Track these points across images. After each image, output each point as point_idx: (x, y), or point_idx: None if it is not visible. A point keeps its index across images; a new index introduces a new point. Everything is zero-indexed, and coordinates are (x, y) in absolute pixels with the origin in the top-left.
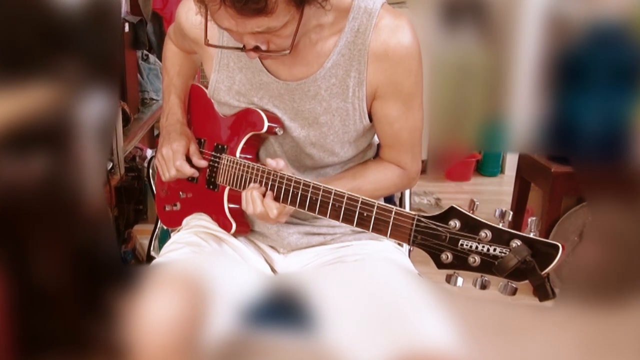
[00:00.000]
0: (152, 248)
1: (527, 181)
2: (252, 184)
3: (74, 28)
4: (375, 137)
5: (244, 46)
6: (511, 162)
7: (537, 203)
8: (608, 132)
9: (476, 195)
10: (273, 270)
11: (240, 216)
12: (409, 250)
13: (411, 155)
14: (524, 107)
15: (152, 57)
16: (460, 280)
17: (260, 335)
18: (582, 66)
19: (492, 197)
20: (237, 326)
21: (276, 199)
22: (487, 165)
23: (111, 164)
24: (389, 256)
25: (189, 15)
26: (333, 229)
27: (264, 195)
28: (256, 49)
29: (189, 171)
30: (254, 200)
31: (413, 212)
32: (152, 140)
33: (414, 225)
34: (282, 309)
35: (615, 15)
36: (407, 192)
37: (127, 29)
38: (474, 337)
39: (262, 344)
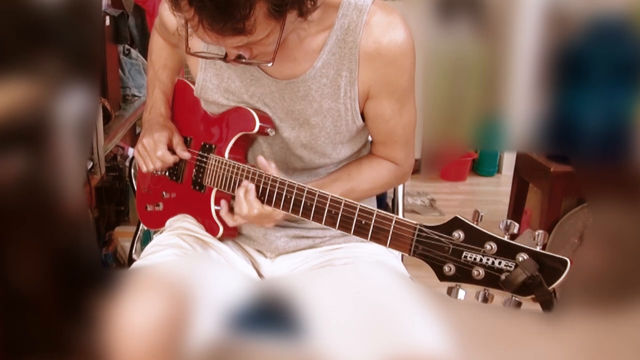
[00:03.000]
0: (134, 251)
1: (525, 181)
2: (249, 185)
3: (52, 21)
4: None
5: (225, 55)
6: (508, 162)
7: (535, 204)
8: (609, 130)
9: (472, 195)
10: (260, 275)
11: None
12: (402, 254)
13: (405, 150)
14: (521, 104)
15: (134, 52)
16: (462, 293)
17: (247, 341)
18: (583, 62)
19: (488, 197)
20: (223, 332)
21: (268, 202)
22: (484, 165)
23: (91, 164)
24: (380, 259)
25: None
26: (323, 231)
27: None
28: (239, 57)
29: (171, 160)
30: (239, 202)
31: (414, 222)
32: (134, 138)
33: (416, 235)
34: (269, 314)
35: (616, 9)
36: (400, 193)
37: (107, 22)
38: (468, 343)
39: (248, 350)
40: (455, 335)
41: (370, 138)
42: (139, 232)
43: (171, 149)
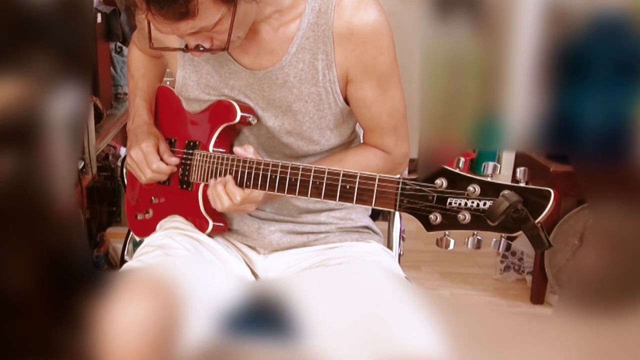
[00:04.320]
0: (125, 252)
1: (525, 181)
2: (211, 180)
3: (43, 19)
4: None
5: (186, 46)
6: (507, 161)
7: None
8: (610, 129)
9: None
10: (253, 273)
11: (217, 213)
12: (399, 255)
13: (395, 137)
14: (521, 103)
15: (126, 50)
16: (452, 243)
17: (240, 344)
18: (583, 59)
19: None
20: (215, 334)
21: (254, 185)
22: (482, 165)
23: (82, 163)
24: (376, 259)
25: None
26: (318, 226)
27: (225, 186)
28: (197, 47)
29: (166, 170)
30: (219, 194)
31: (397, 176)
32: (126, 137)
33: (399, 189)
34: (263, 316)
35: (616, 6)
36: None
37: (99, 19)
38: (466, 345)
39: (241, 353)
40: (451, 337)
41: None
42: (131, 233)
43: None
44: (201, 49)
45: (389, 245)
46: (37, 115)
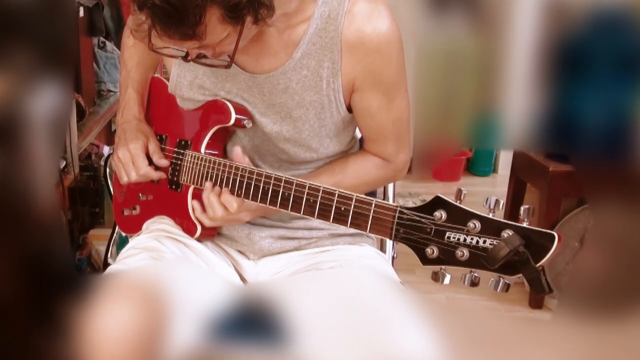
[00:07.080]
0: (109, 255)
1: (523, 181)
2: (206, 183)
3: (22, 12)
4: (358, 131)
5: (186, 54)
6: (505, 161)
7: (533, 205)
8: (612, 127)
9: (466, 196)
10: (242, 278)
11: None
12: (392, 257)
13: (396, 145)
14: (519, 100)
15: (110, 45)
16: (447, 278)
17: (229, 350)
18: (584, 55)
19: (484, 198)
20: (203, 340)
21: (245, 195)
22: (479, 164)
23: (64, 163)
24: (369, 263)
25: None
26: (309, 232)
27: (219, 195)
28: (200, 56)
29: (155, 176)
30: (211, 204)
31: (394, 204)
32: (110, 136)
33: (396, 217)
34: (252, 321)
35: (618, 0)
36: (390, 194)
37: (81, 13)
38: (462, 350)
39: (230, 358)
40: (446, 341)
41: (360, 135)
42: (114, 235)
43: (148, 157)
44: (203, 59)
45: (382, 248)
46: (16, 113)
